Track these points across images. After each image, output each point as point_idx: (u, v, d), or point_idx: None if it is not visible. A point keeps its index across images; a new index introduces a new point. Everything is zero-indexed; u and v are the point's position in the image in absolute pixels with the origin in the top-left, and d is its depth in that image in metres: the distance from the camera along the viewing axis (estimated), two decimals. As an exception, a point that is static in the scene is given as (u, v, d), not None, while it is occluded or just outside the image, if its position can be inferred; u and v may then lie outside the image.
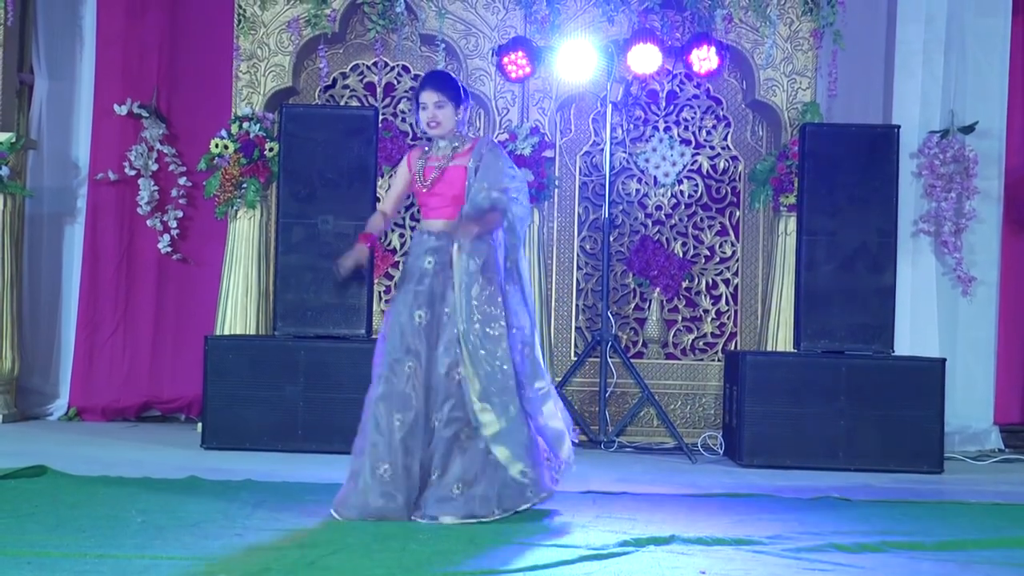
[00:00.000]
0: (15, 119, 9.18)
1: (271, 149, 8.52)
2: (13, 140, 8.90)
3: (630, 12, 8.71)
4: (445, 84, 5.55)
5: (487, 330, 5.30)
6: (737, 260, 9.03)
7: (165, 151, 9.33)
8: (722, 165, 9.05)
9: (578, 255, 8.98)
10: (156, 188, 9.31)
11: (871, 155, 7.91)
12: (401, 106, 9.11)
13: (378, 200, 8.47)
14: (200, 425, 8.02)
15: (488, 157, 5.48)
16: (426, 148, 5.63)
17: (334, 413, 7.64)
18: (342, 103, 9.04)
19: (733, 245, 9.04)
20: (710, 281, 9.05)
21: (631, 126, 9.04)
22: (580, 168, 9.03)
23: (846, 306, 7.88)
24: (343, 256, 5.62)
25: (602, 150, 8.73)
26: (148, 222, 9.30)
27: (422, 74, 9.01)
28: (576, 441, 5.58)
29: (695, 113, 9.05)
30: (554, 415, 5.45)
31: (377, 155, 8.16)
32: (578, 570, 4.37)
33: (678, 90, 9.07)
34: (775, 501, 6.24)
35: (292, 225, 8.02)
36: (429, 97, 5.50)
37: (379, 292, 8.98)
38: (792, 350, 8.13)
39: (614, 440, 8.29)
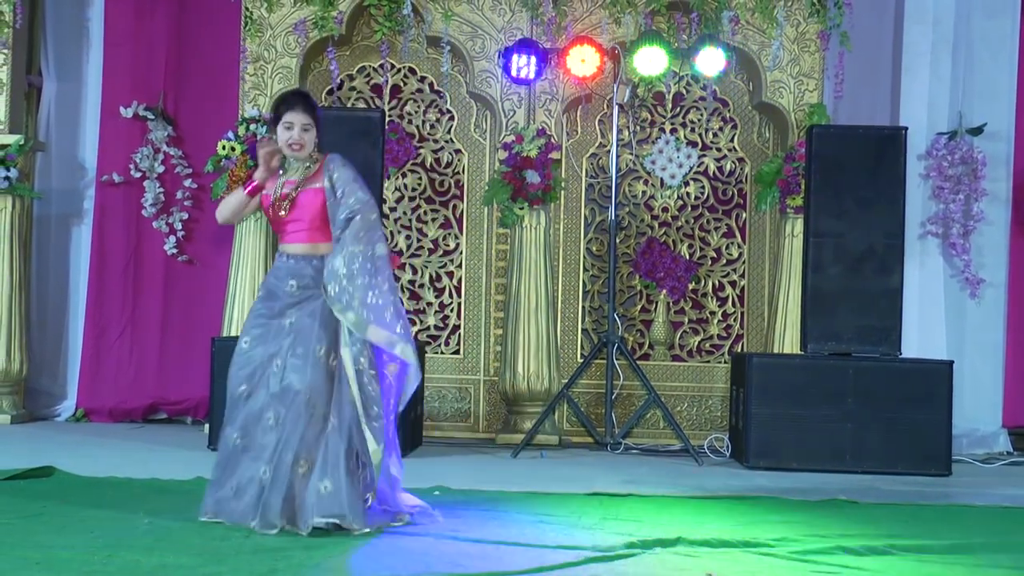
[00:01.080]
0: (23, 121, 9.23)
1: None
2: (21, 142, 8.93)
3: (637, 14, 8.73)
4: (314, 108, 5.33)
5: None
6: (744, 262, 9.04)
7: (171, 153, 9.35)
8: (728, 167, 9.06)
9: (584, 257, 8.99)
10: (162, 190, 9.32)
11: (878, 157, 7.90)
12: (408, 108, 9.11)
13: (384, 201, 8.51)
14: (207, 426, 8.01)
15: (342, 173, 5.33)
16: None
17: None
18: (348, 105, 9.05)
19: (740, 247, 9.04)
20: (716, 283, 9.05)
21: (637, 128, 9.04)
22: (586, 170, 9.04)
23: (853, 308, 7.86)
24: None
25: (608, 152, 8.74)
26: (154, 224, 9.33)
27: (430, 76, 9.08)
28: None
29: (702, 115, 9.06)
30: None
31: (383, 157, 8.14)
32: (584, 572, 4.38)
33: (685, 92, 9.08)
34: (782, 503, 6.25)
35: None
36: (297, 118, 5.25)
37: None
38: (799, 352, 8.13)
39: (620, 442, 8.31)
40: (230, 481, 5.07)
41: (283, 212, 5.26)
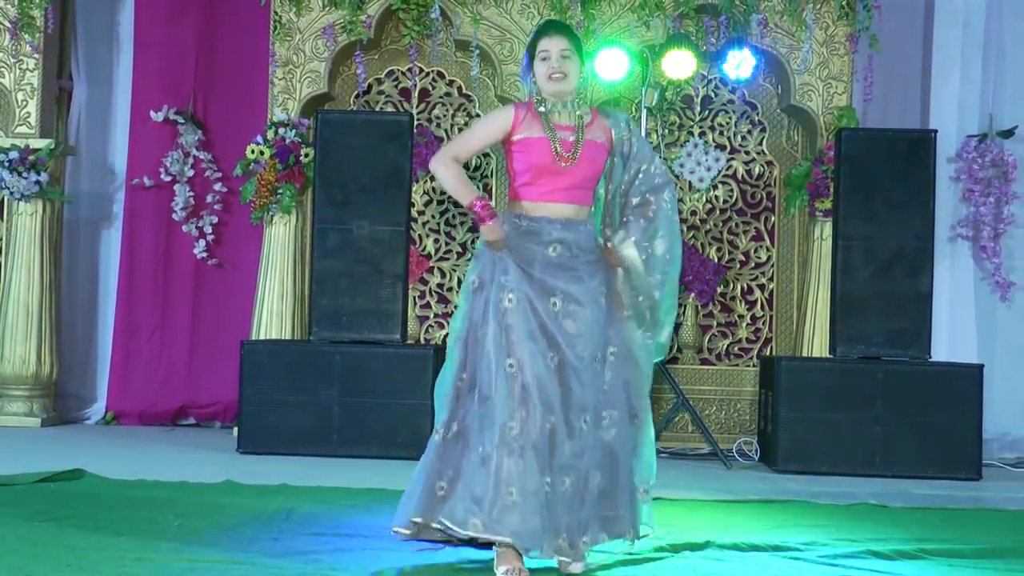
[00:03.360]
0: (54, 125, 9.30)
1: (307, 155, 8.58)
2: (52, 146, 8.99)
3: (665, 17, 8.73)
4: (573, 34, 4.70)
5: None
6: (772, 265, 9.03)
7: (201, 157, 9.40)
8: (757, 170, 9.06)
9: (613, 260, 8.98)
10: (192, 194, 9.37)
11: (908, 160, 7.88)
12: (436, 111, 9.15)
13: (412, 205, 8.50)
14: (236, 429, 8.07)
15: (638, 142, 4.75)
16: (540, 108, 4.64)
17: (369, 418, 7.71)
18: (377, 108, 9.10)
19: (768, 250, 9.04)
20: (745, 286, 9.05)
21: (666, 131, 9.05)
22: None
23: (882, 311, 7.84)
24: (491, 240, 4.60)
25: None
26: (183, 227, 9.38)
27: (458, 80, 9.12)
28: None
29: (730, 118, 9.07)
30: None
31: (412, 160, 8.17)
32: (614, 575, 4.41)
33: (713, 95, 9.09)
34: (811, 507, 6.24)
35: (328, 230, 8.05)
36: (555, 44, 4.61)
37: (414, 298, 9.01)
38: (828, 355, 8.11)
39: (649, 445, 8.31)
40: None
41: (566, 164, 4.59)
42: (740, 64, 8.42)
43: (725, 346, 9.05)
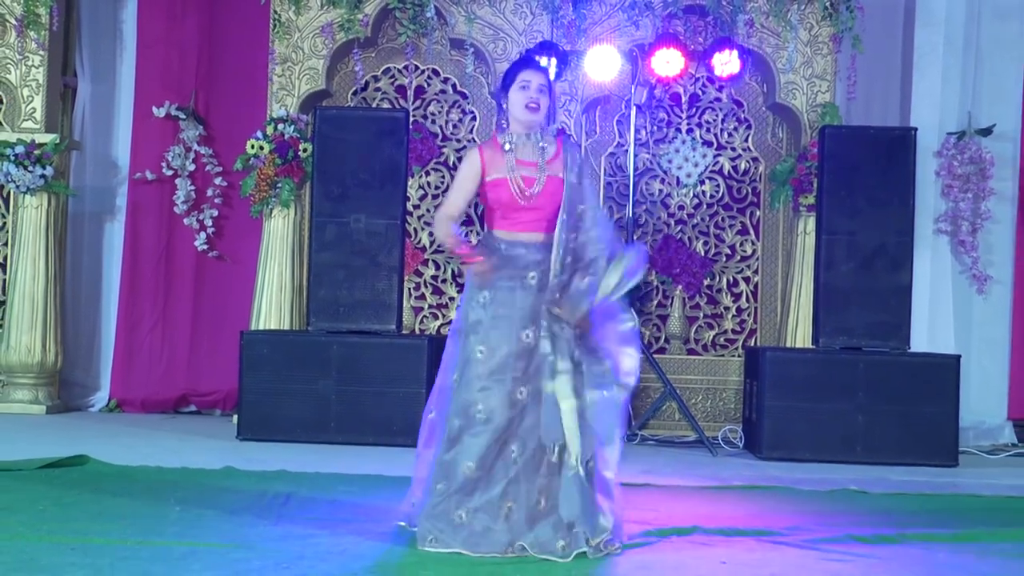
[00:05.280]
0: (59, 121, 9.32)
1: (305, 150, 8.64)
2: (57, 141, 9.04)
3: (654, 17, 8.78)
4: (548, 74, 4.93)
5: None
6: (757, 259, 9.11)
7: (202, 152, 9.43)
8: (743, 166, 9.13)
9: (603, 253, 9.06)
10: (193, 188, 9.41)
11: (889, 157, 7.96)
12: (431, 108, 9.22)
13: (407, 199, 8.60)
14: (236, 417, 8.11)
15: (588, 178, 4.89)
16: (506, 146, 4.83)
17: (365, 406, 7.76)
18: (374, 105, 9.14)
19: (753, 244, 9.12)
20: (731, 279, 9.13)
21: (655, 128, 9.13)
22: (605, 169, 9.11)
23: (864, 304, 7.93)
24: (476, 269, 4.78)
25: (626, 151, 8.81)
26: (185, 221, 9.41)
27: (453, 78, 9.19)
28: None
29: (717, 115, 9.13)
30: None
31: (408, 156, 8.24)
32: (595, 561, 4.47)
33: (700, 93, 9.15)
34: (794, 493, 6.30)
35: (325, 224, 8.12)
36: (535, 77, 4.82)
37: (409, 289, 9.08)
38: (811, 346, 8.20)
39: (637, 433, 8.36)
40: None
41: (524, 202, 4.78)
42: (727, 63, 8.47)
43: (711, 337, 9.12)
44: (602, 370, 4.68)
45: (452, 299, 9.16)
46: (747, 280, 9.14)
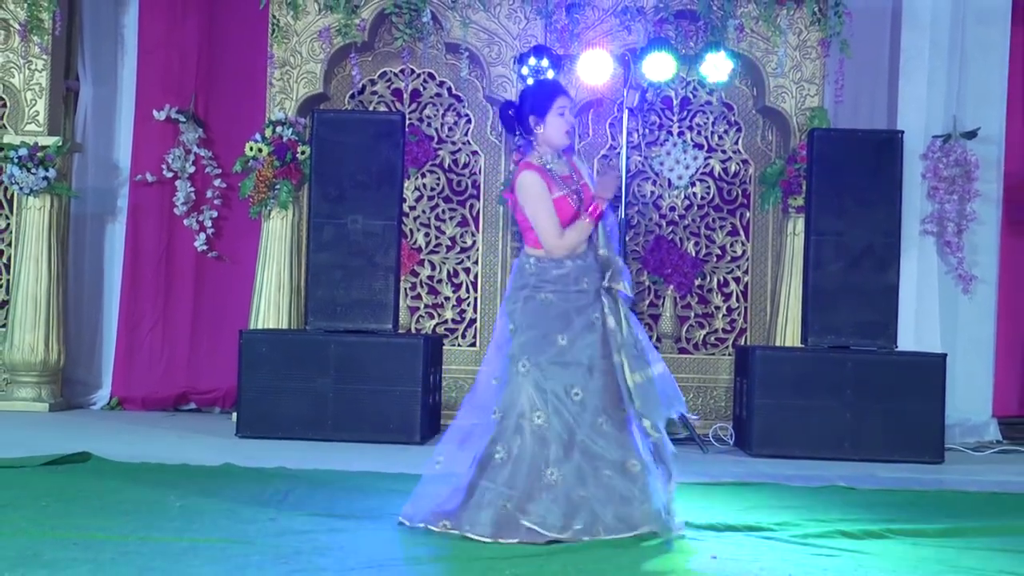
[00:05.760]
0: (62, 124, 9.38)
1: (303, 152, 8.71)
2: (59, 144, 9.10)
3: (646, 22, 8.84)
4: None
5: None
6: (747, 259, 9.18)
7: (202, 154, 9.49)
8: (733, 168, 9.20)
9: (596, 254, 9.14)
10: (192, 189, 9.46)
11: (876, 159, 8.02)
12: (427, 111, 9.28)
13: (403, 200, 8.66)
14: (235, 415, 8.15)
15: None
16: (547, 167, 5.01)
17: (362, 404, 7.81)
18: (371, 108, 9.19)
19: (743, 245, 9.19)
20: (721, 279, 9.20)
21: (646, 131, 9.20)
22: (598, 171, 9.11)
23: (852, 303, 7.98)
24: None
25: (619, 154, 8.85)
26: (184, 222, 9.47)
27: (448, 81, 9.25)
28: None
29: (708, 118, 9.20)
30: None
31: (404, 158, 8.31)
32: (594, 555, 4.45)
33: (692, 96, 9.22)
34: (783, 489, 6.34)
35: (323, 225, 8.18)
36: (570, 103, 5.05)
37: (405, 289, 9.15)
38: (800, 345, 8.26)
39: (629, 431, 8.46)
40: None
41: (587, 218, 4.98)
42: (717, 67, 8.54)
43: (702, 336, 9.19)
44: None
45: (447, 298, 9.23)
46: (737, 280, 9.21)
